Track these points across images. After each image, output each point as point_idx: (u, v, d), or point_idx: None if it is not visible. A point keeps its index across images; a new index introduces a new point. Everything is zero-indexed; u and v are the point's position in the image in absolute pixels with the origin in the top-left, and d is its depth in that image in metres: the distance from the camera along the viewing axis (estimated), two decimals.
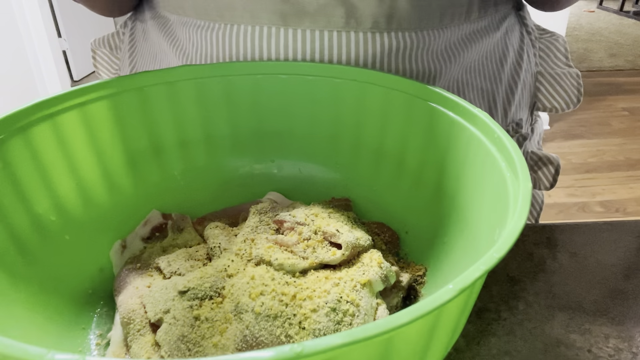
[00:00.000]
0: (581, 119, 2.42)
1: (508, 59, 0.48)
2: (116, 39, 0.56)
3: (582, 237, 0.40)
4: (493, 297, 0.34)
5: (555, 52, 0.52)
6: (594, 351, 0.30)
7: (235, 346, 0.25)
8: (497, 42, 0.46)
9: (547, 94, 0.52)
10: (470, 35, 0.43)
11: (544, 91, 0.52)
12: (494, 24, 0.46)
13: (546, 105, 0.53)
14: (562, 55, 0.52)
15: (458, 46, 0.42)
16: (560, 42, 0.52)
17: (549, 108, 0.53)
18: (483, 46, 0.45)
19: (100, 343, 0.29)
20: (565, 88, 0.52)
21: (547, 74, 0.52)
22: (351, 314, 0.26)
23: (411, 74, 0.40)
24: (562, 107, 0.52)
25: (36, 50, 2.35)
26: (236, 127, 0.40)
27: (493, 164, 0.28)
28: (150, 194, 0.38)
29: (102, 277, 0.33)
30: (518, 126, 0.50)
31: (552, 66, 0.52)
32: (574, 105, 0.52)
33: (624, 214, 1.74)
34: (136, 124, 0.37)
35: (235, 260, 0.30)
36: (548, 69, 0.52)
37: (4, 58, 2.17)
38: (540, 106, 0.53)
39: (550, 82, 0.52)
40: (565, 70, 0.52)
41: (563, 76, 0.52)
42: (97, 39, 0.57)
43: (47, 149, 0.32)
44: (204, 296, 0.27)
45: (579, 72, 0.52)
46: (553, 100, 0.52)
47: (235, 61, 0.39)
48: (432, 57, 0.41)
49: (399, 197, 0.37)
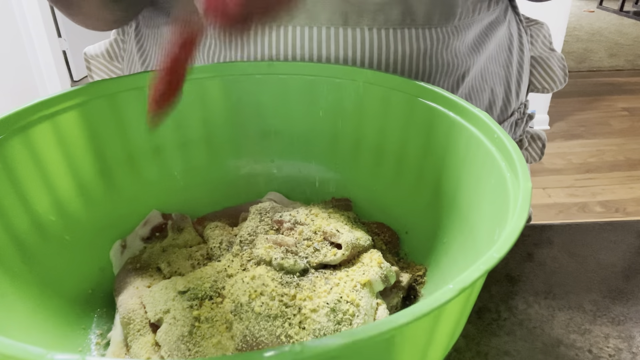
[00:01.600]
0: (581, 119, 2.42)
1: (514, 46, 0.52)
2: (115, 47, 0.55)
3: (582, 237, 0.40)
4: (493, 297, 0.34)
5: (542, 38, 0.57)
6: (594, 351, 0.30)
7: (235, 346, 0.25)
8: (505, 31, 0.50)
9: (539, 76, 0.57)
10: (490, 26, 0.47)
11: (536, 74, 0.57)
12: (502, 13, 0.49)
13: (538, 86, 0.58)
14: (547, 41, 0.57)
15: (484, 36, 0.46)
16: (545, 29, 0.57)
17: (540, 89, 0.58)
18: (497, 35, 0.48)
19: (100, 343, 0.29)
20: (554, 69, 0.57)
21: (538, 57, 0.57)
22: (351, 314, 0.26)
23: (452, 66, 0.42)
24: (552, 87, 0.58)
25: (36, 50, 2.35)
26: (236, 127, 0.40)
27: (493, 164, 0.28)
28: (150, 194, 0.38)
29: (102, 277, 0.33)
30: (525, 107, 0.54)
31: (540, 51, 0.57)
32: (561, 85, 0.57)
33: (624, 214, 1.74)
34: (136, 124, 0.36)
35: (235, 260, 0.30)
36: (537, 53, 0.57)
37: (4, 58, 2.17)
38: (534, 87, 0.58)
39: (541, 64, 0.57)
40: (552, 53, 0.57)
41: (550, 59, 0.57)
42: (91, 48, 0.55)
43: (47, 149, 0.32)
44: (204, 296, 0.27)
45: (562, 55, 0.57)
46: (544, 82, 0.57)
47: (238, 61, 0.39)
48: (467, 48, 0.43)
49: (399, 197, 0.37)
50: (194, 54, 0.24)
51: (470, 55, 0.44)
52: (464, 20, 0.42)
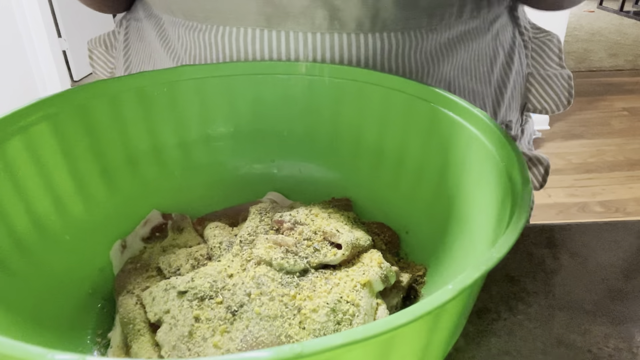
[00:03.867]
0: (581, 119, 2.42)
1: (498, 60, 0.48)
2: (112, 38, 0.56)
3: (582, 237, 0.40)
4: (493, 297, 0.34)
5: (548, 52, 0.52)
6: (594, 351, 0.30)
7: (235, 346, 0.25)
8: (488, 43, 0.46)
9: (538, 95, 0.52)
10: (462, 36, 0.43)
11: (534, 92, 0.52)
12: (486, 24, 0.45)
13: (536, 106, 0.53)
14: (556, 56, 0.52)
15: (448, 47, 0.42)
16: (555, 42, 0.52)
17: (539, 109, 0.53)
18: (474, 47, 0.44)
19: (100, 343, 0.29)
20: (556, 90, 0.52)
21: (539, 75, 0.52)
22: (351, 314, 0.26)
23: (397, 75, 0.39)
24: (552, 109, 0.52)
25: (36, 50, 2.35)
26: (236, 127, 0.40)
27: (493, 164, 0.28)
28: (150, 194, 0.38)
29: (102, 277, 0.33)
30: (507, 127, 0.50)
31: (545, 67, 0.52)
32: (563, 107, 0.52)
33: (624, 214, 1.74)
34: (136, 124, 0.37)
35: (235, 260, 0.30)
36: (540, 69, 0.52)
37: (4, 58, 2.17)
38: (531, 107, 0.53)
39: (540, 83, 0.52)
40: (557, 71, 0.51)
41: (554, 77, 0.51)
42: (94, 39, 0.57)
43: (47, 149, 0.32)
44: (204, 296, 0.27)
45: (570, 74, 0.51)
46: (543, 102, 0.52)
47: (237, 61, 0.39)
48: (420, 57, 0.40)
49: (399, 197, 0.37)
50: None
51: (422, 64, 0.41)
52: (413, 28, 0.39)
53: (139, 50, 0.51)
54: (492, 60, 0.47)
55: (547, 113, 0.53)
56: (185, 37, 0.42)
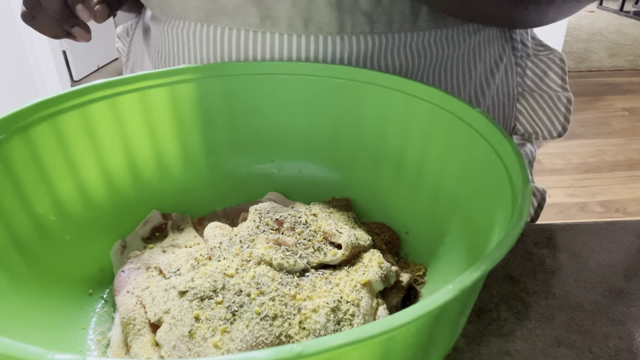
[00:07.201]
0: (581, 119, 2.42)
1: (474, 75, 0.43)
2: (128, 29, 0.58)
3: (582, 237, 0.40)
4: (493, 297, 0.34)
5: (548, 72, 0.46)
6: (594, 351, 0.30)
7: (235, 346, 0.25)
8: (461, 57, 0.42)
9: (529, 117, 0.47)
10: (419, 46, 0.40)
11: (525, 114, 0.47)
12: (456, 37, 0.42)
13: (527, 129, 0.48)
14: (557, 76, 0.46)
15: (402, 55, 0.40)
16: (557, 62, 0.46)
17: (529, 133, 0.48)
18: (438, 60, 0.41)
19: (101, 342, 0.29)
20: (549, 113, 0.46)
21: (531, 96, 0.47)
22: (351, 314, 0.26)
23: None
24: (544, 135, 0.46)
25: (36, 50, 2.35)
26: (236, 127, 0.40)
27: (493, 164, 0.28)
28: (150, 194, 0.38)
29: (102, 277, 0.33)
30: None
31: (543, 87, 0.47)
32: (557, 135, 0.46)
33: (624, 214, 1.73)
34: (136, 124, 0.37)
35: (235, 260, 0.30)
36: (537, 89, 0.47)
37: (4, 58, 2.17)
38: (519, 131, 0.48)
39: (532, 105, 0.46)
40: (557, 93, 0.46)
41: (551, 100, 0.46)
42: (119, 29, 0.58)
43: (47, 149, 0.32)
44: (204, 296, 0.27)
45: (571, 98, 0.46)
46: (535, 125, 0.47)
47: (234, 61, 0.39)
48: (365, 64, 0.39)
49: (399, 197, 0.37)
50: None
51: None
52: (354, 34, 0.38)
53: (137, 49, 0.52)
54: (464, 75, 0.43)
55: (536, 138, 0.47)
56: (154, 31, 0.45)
